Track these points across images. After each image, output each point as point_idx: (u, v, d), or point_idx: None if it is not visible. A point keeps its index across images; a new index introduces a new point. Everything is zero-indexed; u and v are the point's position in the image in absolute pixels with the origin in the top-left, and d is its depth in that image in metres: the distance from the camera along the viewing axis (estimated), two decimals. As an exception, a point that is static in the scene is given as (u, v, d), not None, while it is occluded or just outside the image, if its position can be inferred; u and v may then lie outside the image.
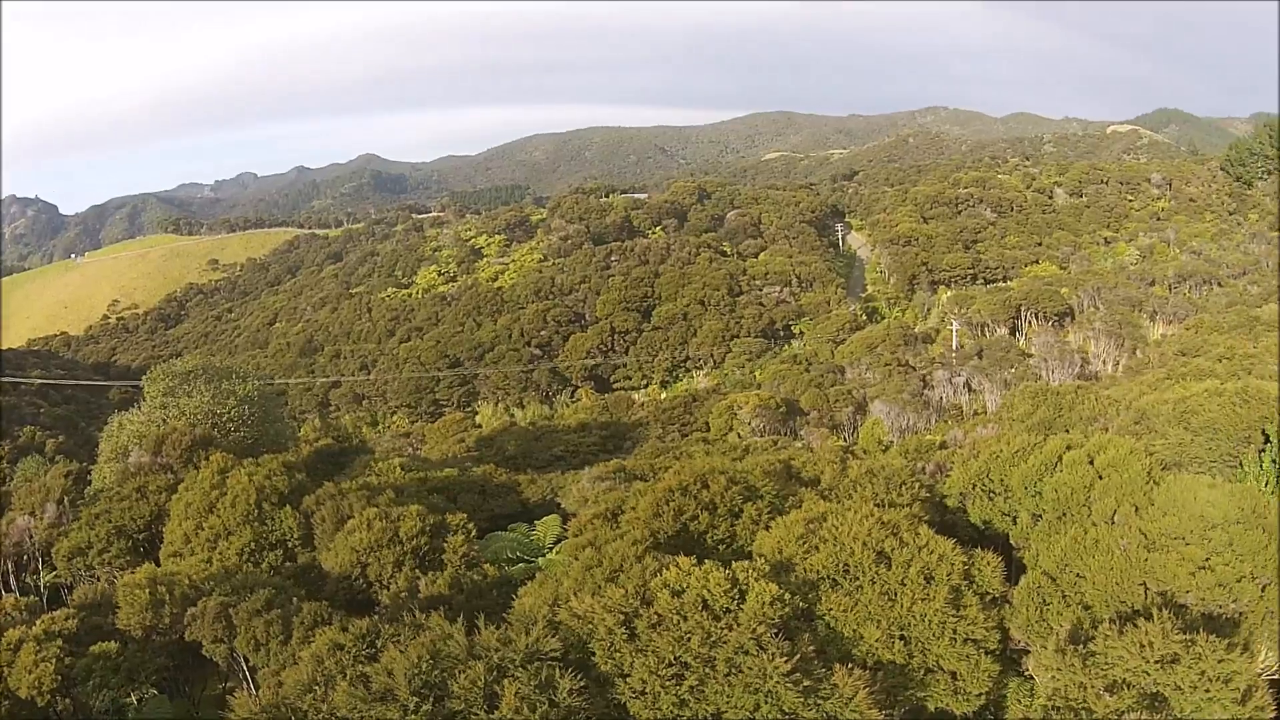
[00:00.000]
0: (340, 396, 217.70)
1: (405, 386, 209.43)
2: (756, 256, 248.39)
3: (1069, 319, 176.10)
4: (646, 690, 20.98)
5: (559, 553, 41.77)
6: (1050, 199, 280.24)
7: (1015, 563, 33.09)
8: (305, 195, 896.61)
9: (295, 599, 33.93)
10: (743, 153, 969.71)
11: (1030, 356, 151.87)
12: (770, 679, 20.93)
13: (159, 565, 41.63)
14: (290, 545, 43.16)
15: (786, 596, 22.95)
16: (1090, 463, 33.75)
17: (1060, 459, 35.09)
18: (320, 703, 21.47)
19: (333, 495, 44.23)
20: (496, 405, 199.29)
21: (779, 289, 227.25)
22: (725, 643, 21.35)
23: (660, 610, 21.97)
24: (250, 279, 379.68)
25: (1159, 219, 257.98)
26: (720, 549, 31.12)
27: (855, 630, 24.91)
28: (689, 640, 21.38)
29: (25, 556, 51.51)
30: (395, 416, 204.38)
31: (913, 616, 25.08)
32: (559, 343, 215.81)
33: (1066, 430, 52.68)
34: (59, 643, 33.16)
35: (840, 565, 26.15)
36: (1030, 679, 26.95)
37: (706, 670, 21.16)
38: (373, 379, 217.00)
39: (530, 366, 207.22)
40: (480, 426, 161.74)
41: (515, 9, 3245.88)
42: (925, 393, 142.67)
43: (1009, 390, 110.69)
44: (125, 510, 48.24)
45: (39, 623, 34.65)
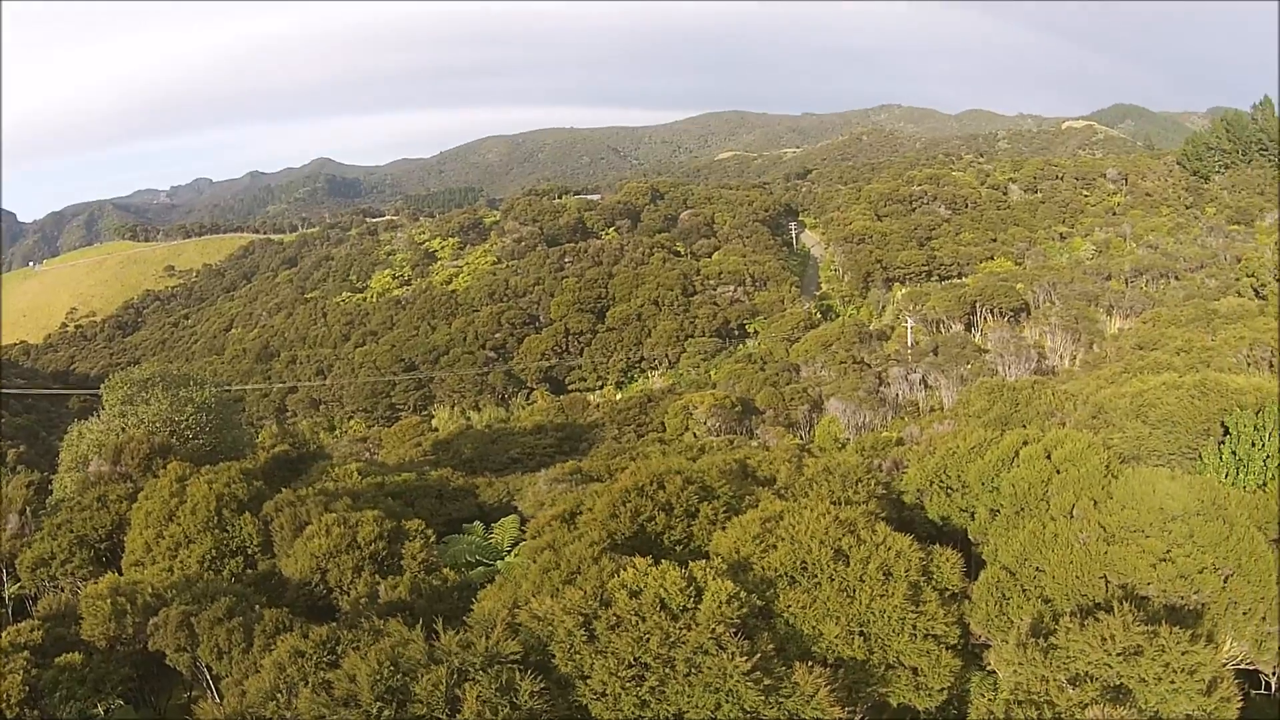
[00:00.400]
0: (297, 402, 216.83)
1: (361, 391, 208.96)
2: (710, 256, 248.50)
3: (1025, 314, 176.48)
4: (607, 692, 20.84)
5: (517, 555, 41.68)
6: (1005, 195, 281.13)
7: (974, 558, 33.05)
8: (260, 200, 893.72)
9: (257, 606, 33.77)
10: (696, 152, 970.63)
11: (986, 352, 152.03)
12: (731, 678, 20.79)
13: (122, 574, 41.41)
14: (250, 552, 42.96)
15: (743, 595, 22.82)
16: (1048, 457, 33.80)
17: (1017, 454, 35.15)
18: (284, 710, 21.47)
19: (291, 502, 44.01)
20: (452, 408, 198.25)
21: (733, 288, 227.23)
22: (684, 643, 21.23)
23: (619, 611, 21.83)
24: (206, 285, 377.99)
25: (1115, 214, 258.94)
26: (677, 549, 31.01)
27: (815, 627, 24.83)
28: (648, 641, 21.26)
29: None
30: (352, 421, 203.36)
31: (872, 613, 25.04)
32: (514, 345, 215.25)
33: (1023, 425, 52.60)
34: (25, 654, 32.88)
35: (798, 563, 26.08)
36: (992, 673, 26.96)
37: (666, 671, 21.03)
38: (329, 384, 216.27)
39: (485, 369, 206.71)
40: (437, 430, 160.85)
41: (465, 10, 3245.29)
42: (881, 390, 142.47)
43: (965, 386, 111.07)
44: (87, 520, 47.98)
45: (5, 635, 34.47)
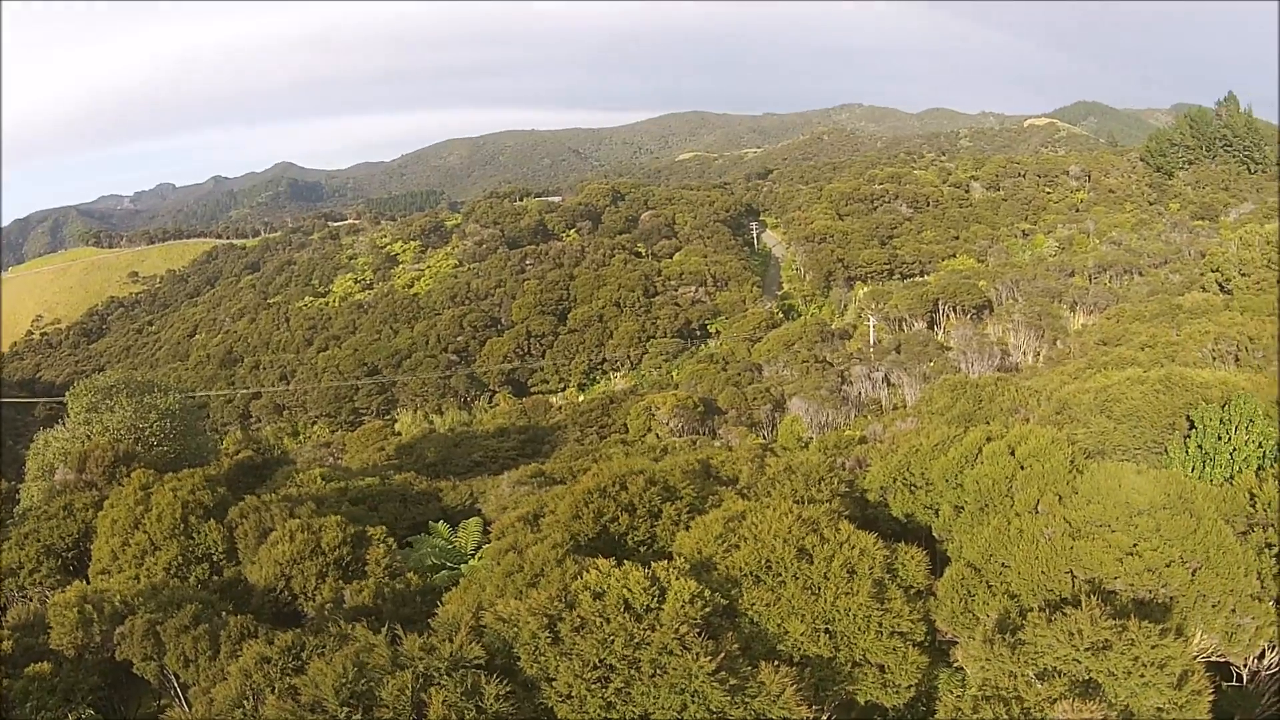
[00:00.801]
0: (261, 408, 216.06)
1: (324, 396, 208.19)
2: (671, 257, 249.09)
3: (988, 311, 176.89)
4: (573, 694, 20.66)
5: (481, 558, 41.59)
6: (967, 193, 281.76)
7: (939, 555, 32.97)
8: (223, 205, 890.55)
9: (223, 613, 33.62)
10: (657, 153, 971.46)
11: (949, 350, 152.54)
12: (696, 678, 20.61)
13: (89, 583, 41.24)
14: (216, 559, 42.78)
15: (707, 594, 22.71)
16: (1011, 453, 33.70)
17: (981, 450, 35.04)
18: (250, 717, 21.33)
19: (255, 508, 43.86)
20: (415, 412, 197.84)
21: (694, 289, 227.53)
22: (649, 643, 21.07)
23: (583, 613, 21.69)
24: (170, 291, 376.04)
25: (1078, 210, 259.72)
26: (641, 550, 30.91)
27: (779, 625, 24.67)
28: (612, 642, 21.08)
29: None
30: (316, 426, 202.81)
31: (837, 610, 24.87)
32: (476, 348, 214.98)
33: (987, 422, 52.55)
34: (-4, 665, 32.75)
35: (762, 562, 25.91)
36: (960, 670, 26.90)
37: (632, 672, 20.86)
38: (292, 389, 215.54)
39: (448, 372, 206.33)
40: (400, 434, 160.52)
41: (425, 11, 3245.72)
42: (844, 388, 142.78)
43: (928, 384, 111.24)
44: (53, 529, 47.73)
45: (-25, 646, 34.24)
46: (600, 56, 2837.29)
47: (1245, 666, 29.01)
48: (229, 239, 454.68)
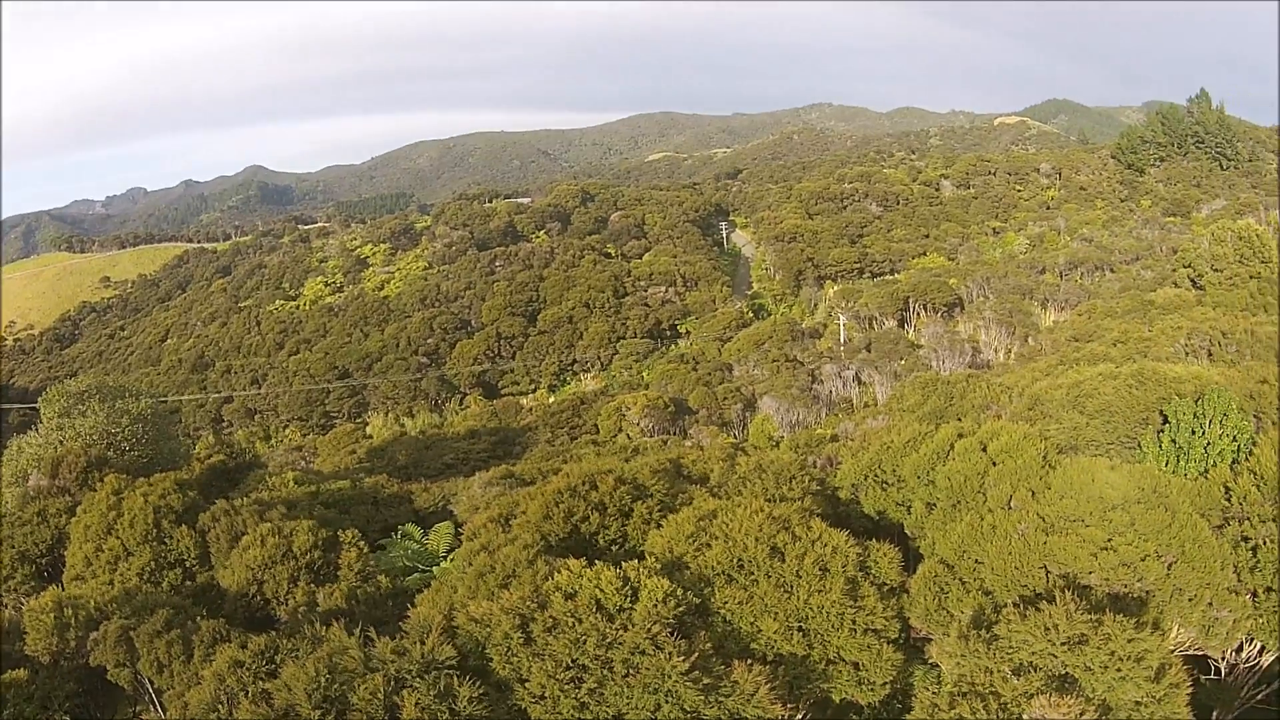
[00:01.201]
0: (233, 412, 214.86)
1: (296, 400, 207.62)
2: (641, 257, 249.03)
3: (958, 309, 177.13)
4: (546, 694, 20.55)
5: (453, 560, 41.48)
6: (937, 191, 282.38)
7: (912, 552, 32.91)
8: (194, 209, 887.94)
9: (196, 618, 33.44)
10: (626, 154, 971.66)
11: (920, 348, 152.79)
12: (669, 678, 20.54)
13: (63, 589, 41.05)
14: (188, 564, 42.57)
15: (679, 593, 22.60)
16: (983, 449, 33.61)
17: (952, 447, 34.96)
18: (225, 721, 21.21)
19: (226, 512, 43.67)
20: (386, 415, 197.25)
21: (664, 289, 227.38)
22: (621, 643, 20.95)
23: (555, 613, 21.57)
24: (141, 296, 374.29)
25: (1049, 208, 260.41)
26: (612, 549, 30.74)
27: (752, 624, 24.56)
28: (585, 642, 20.96)
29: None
30: (288, 430, 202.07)
31: (810, 608, 24.78)
32: (446, 350, 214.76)
33: (959, 418, 52.57)
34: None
35: (733, 561, 25.80)
36: (935, 667, 26.83)
37: (605, 672, 20.75)
38: (264, 393, 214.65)
39: (418, 375, 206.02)
40: (371, 437, 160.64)
41: (395, 12, 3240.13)
42: (814, 387, 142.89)
43: (899, 382, 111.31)
44: (27, 535, 47.49)
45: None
46: (569, 57, 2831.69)
47: (1223, 660, 29.10)
48: (200, 243, 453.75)
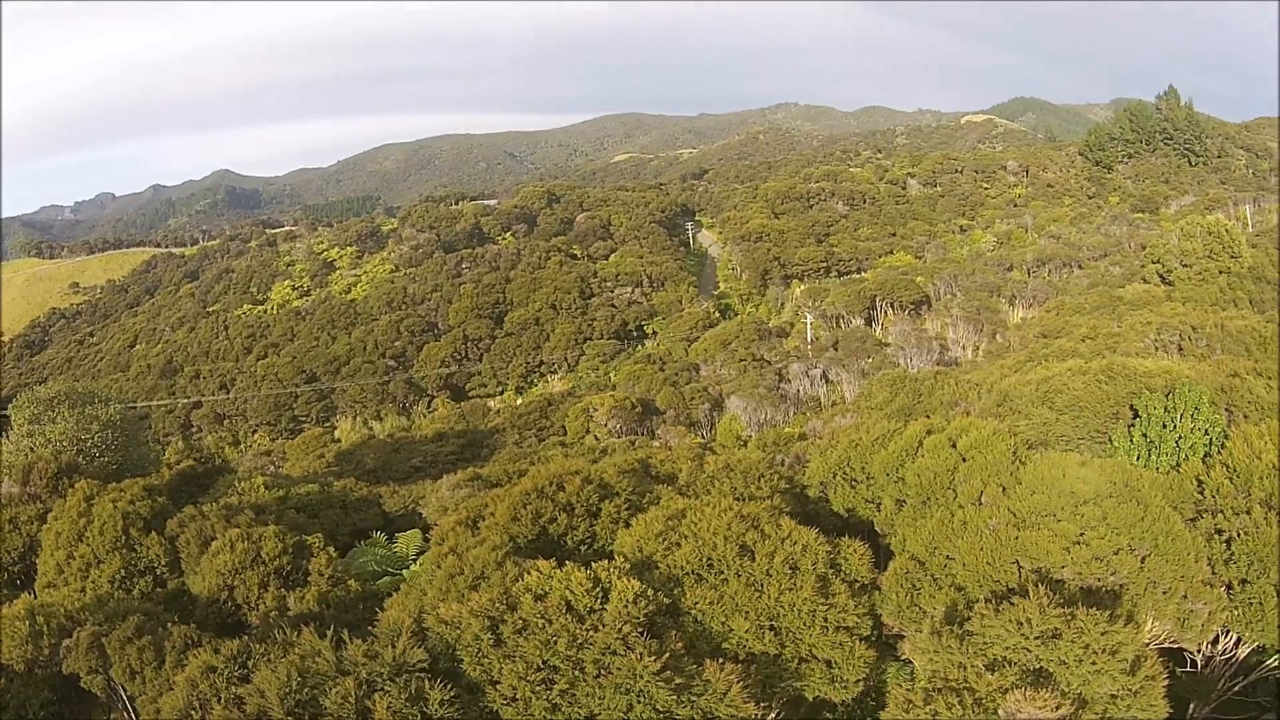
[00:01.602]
0: (202, 417, 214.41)
1: (264, 404, 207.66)
2: (607, 258, 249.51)
3: (926, 307, 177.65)
4: (518, 696, 20.48)
5: (422, 564, 41.42)
6: (904, 190, 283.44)
7: (882, 549, 32.88)
8: (162, 214, 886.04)
9: (167, 624, 33.33)
10: (592, 155, 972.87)
11: (887, 346, 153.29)
12: (641, 678, 20.49)
13: (36, 597, 40.95)
14: (159, 571, 42.43)
15: (650, 593, 22.54)
16: (953, 446, 33.59)
17: (921, 444, 34.91)
18: (198, 727, 21.15)
19: (194, 517, 43.56)
20: (355, 419, 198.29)
21: (631, 290, 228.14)
22: (592, 644, 20.89)
23: (525, 615, 21.50)
24: (110, 301, 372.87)
25: (1016, 205, 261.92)
26: (581, 550, 30.66)
27: (724, 623, 24.50)
28: (555, 643, 20.88)
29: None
30: (256, 435, 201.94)
31: (781, 607, 24.72)
32: (413, 353, 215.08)
33: (927, 415, 52.57)
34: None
35: (703, 560, 25.74)
36: (908, 663, 26.85)
37: (576, 673, 20.68)
38: (232, 398, 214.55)
39: (386, 378, 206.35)
40: (339, 441, 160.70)
41: (361, 12, 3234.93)
42: (782, 386, 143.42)
43: (867, 379, 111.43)
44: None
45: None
46: (534, 58, 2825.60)
47: (1200, 652, 29.11)
48: (168, 248, 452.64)
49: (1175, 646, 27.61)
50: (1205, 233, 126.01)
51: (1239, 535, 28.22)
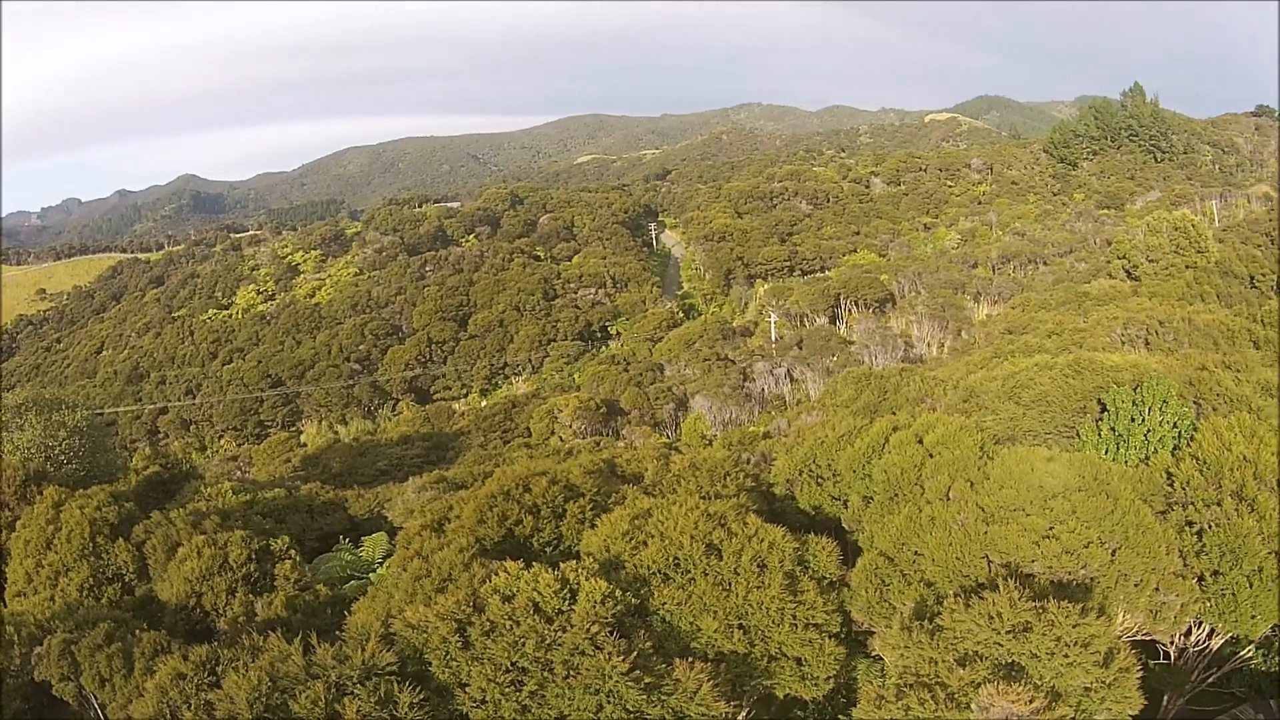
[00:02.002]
0: (169, 423, 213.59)
1: (230, 409, 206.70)
2: (570, 259, 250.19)
3: (890, 305, 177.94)
4: (487, 698, 20.43)
5: (389, 567, 41.35)
6: (867, 189, 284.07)
7: (850, 546, 32.85)
8: (128, 219, 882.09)
9: (136, 631, 33.20)
10: (555, 157, 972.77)
11: (852, 344, 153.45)
12: (610, 679, 20.46)
13: (6, 605, 40.76)
14: (127, 578, 42.27)
15: (618, 593, 22.49)
16: (920, 442, 33.57)
17: (888, 440, 34.94)
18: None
19: (161, 524, 43.40)
20: (320, 423, 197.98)
21: (594, 291, 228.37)
22: (560, 645, 20.84)
23: (492, 617, 21.43)
24: (77, 307, 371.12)
25: (980, 203, 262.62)
26: (548, 551, 30.59)
27: (692, 623, 24.45)
28: (524, 645, 20.83)
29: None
30: (223, 440, 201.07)
31: (749, 605, 24.66)
32: (378, 356, 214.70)
33: (893, 412, 52.51)
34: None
35: (670, 559, 25.66)
36: (878, 659, 26.80)
37: (545, 674, 20.63)
38: (198, 403, 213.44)
39: (351, 382, 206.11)
40: (305, 445, 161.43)
41: (318, 15, 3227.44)
42: (747, 385, 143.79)
43: (832, 377, 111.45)
44: (-32, 552, 47.27)
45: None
46: (497, 60, 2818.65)
47: (1173, 644, 29.22)
48: (134, 253, 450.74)
49: (1148, 639, 27.68)
50: (1171, 228, 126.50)
51: (1210, 527, 28.28)
